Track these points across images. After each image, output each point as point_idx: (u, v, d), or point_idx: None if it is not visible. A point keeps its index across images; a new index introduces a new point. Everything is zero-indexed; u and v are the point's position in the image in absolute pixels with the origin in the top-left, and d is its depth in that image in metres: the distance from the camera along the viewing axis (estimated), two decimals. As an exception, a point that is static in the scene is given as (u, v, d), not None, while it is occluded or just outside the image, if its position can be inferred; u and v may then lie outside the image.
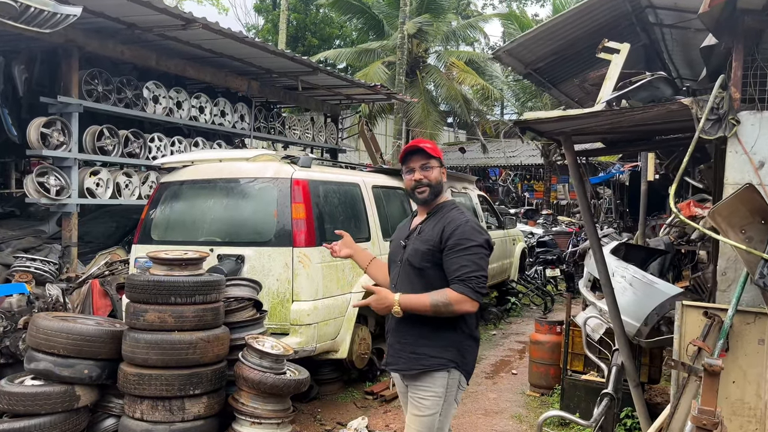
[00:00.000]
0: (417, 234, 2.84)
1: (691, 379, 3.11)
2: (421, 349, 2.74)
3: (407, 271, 2.81)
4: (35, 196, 6.79)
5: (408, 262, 2.80)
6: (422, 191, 2.82)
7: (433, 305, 2.63)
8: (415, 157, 2.84)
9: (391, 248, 3.04)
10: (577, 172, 4.20)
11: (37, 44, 7.24)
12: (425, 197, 2.83)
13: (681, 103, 3.21)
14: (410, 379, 2.80)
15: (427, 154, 2.82)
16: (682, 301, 3.28)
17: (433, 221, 2.82)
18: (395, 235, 3.09)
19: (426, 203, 2.86)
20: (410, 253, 2.80)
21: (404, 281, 2.81)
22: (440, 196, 2.88)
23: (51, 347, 3.94)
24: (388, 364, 2.93)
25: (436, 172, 2.83)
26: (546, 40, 6.57)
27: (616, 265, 4.60)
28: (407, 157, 2.86)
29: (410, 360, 2.76)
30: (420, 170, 2.81)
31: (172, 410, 3.90)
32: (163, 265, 4.09)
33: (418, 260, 2.76)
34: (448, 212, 2.83)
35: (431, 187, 2.82)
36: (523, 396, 5.88)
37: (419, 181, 2.82)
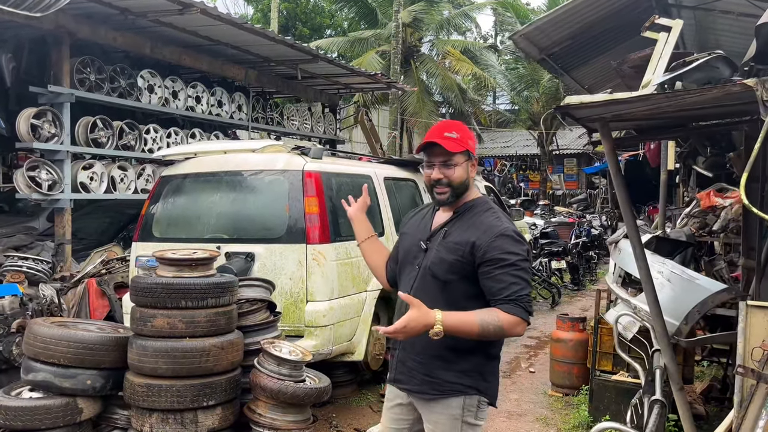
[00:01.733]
0: (443, 238, 2.38)
1: (759, 387, 2.84)
2: (436, 373, 2.35)
3: (427, 281, 2.36)
4: (26, 192, 6.43)
5: (430, 272, 2.36)
6: (442, 192, 2.37)
7: (482, 328, 2.17)
8: (436, 150, 2.36)
9: (404, 245, 2.53)
10: (615, 161, 3.92)
11: (25, 31, 6.86)
12: (444, 199, 2.39)
13: (744, 84, 2.92)
14: (421, 400, 2.43)
15: (448, 151, 2.33)
16: (747, 302, 3.01)
17: (463, 224, 2.38)
18: (410, 229, 2.57)
19: (446, 205, 2.42)
20: (434, 261, 2.35)
21: (422, 292, 2.31)
22: (466, 193, 2.43)
23: (50, 356, 3.61)
24: (396, 381, 2.47)
25: (459, 170, 2.36)
26: (564, 24, 6.31)
27: (652, 260, 4.32)
28: (426, 149, 2.40)
29: (424, 383, 2.38)
30: (440, 167, 2.35)
31: (184, 423, 3.59)
32: (171, 266, 3.76)
33: (444, 272, 2.33)
34: (481, 214, 2.39)
35: (452, 188, 2.36)
36: (545, 396, 5.63)
37: (438, 181, 2.36)
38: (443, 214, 2.48)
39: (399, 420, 2.55)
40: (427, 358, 2.35)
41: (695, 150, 8.40)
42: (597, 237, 13.84)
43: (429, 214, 2.54)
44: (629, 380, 4.81)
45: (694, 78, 3.18)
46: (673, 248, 6.00)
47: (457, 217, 2.41)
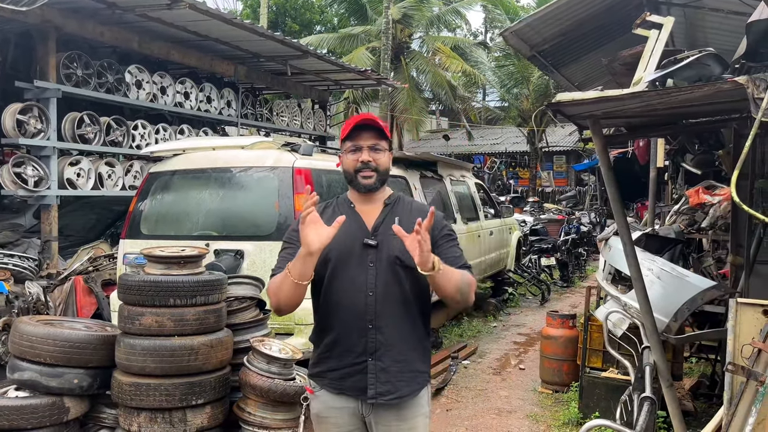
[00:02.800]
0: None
1: (749, 385, 2.85)
2: (416, 365, 2.32)
3: (395, 272, 2.26)
4: (12, 188, 6.35)
5: (398, 261, 2.25)
6: (368, 176, 2.28)
7: (462, 281, 2.18)
8: (365, 134, 2.28)
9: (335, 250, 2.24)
10: (606, 159, 3.91)
11: (10, 26, 6.77)
12: (370, 183, 2.29)
13: (735, 82, 2.92)
14: (393, 407, 2.28)
15: (381, 133, 2.30)
16: (737, 299, 3.01)
17: (404, 212, 2.34)
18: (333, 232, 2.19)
19: (369, 191, 2.31)
20: (398, 249, 2.23)
21: (391, 284, 2.26)
22: (385, 186, 2.38)
23: (36, 355, 3.56)
24: (381, 394, 2.25)
25: (386, 156, 2.31)
26: (554, 21, 6.30)
27: (642, 257, 4.33)
28: (355, 132, 2.29)
29: (410, 381, 2.29)
30: (369, 151, 2.27)
31: (173, 422, 3.55)
32: (160, 264, 3.72)
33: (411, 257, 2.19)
34: (413, 203, 2.45)
35: (378, 174, 2.28)
36: (535, 393, 5.63)
37: (366, 164, 2.27)
38: (370, 208, 2.35)
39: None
40: (409, 353, 2.30)
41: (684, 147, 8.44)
42: (586, 234, 13.89)
43: (347, 214, 2.29)
44: (619, 377, 4.82)
45: (685, 75, 3.18)
46: (662, 245, 6.03)
47: (392, 206, 2.37)
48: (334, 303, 2.30)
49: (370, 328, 2.24)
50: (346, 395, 2.30)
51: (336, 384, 2.31)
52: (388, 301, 2.26)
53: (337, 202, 2.43)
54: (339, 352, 2.29)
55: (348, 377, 2.28)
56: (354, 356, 2.26)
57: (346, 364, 2.28)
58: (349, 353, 2.27)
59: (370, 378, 2.25)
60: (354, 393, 2.29)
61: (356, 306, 2.25)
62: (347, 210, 2.35)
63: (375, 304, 2.24)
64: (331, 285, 2.30)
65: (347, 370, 2.28)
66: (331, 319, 2.31)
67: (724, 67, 3.25)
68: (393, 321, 2.26)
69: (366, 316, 2.24)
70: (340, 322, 2.29)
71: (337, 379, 2.30)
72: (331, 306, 2.31)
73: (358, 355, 2.26)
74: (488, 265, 8.83)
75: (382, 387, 2.25)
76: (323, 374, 2.34)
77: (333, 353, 2.31)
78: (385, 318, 2.25)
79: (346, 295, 2.27)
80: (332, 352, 2.31)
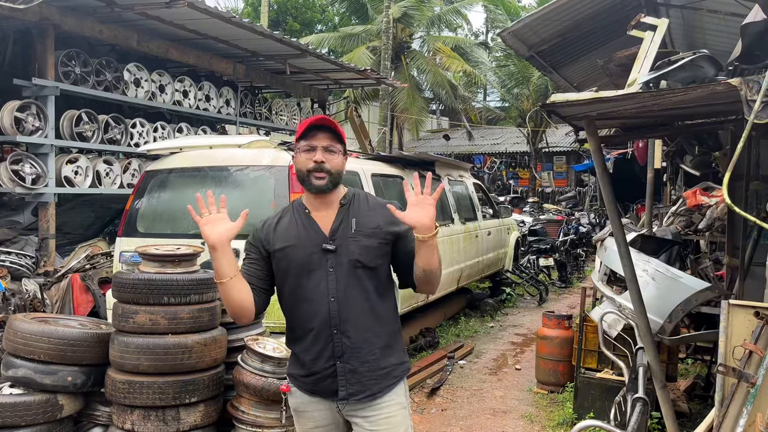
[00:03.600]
0: (355, 229, 2.30)
1: (740, 386, 2.86)
2: (388, 360, 2.33)
3: (357, 274, 2.27)
4: (9, 186, 6.36)
5: (359, 263, 2.26)
6: (321, 177, 2.26)
7: (438, 260, 2.24)
8: (320, 135, 2.27)
9: (294, 258, 2.30)
10: (601, 159, 3.92)
11: (9, 23, 6.78)
12: (322, 185, 2.27)
13: (728, 84, 2.93)
14: (367, 402, 2.30)
15: (336, 135, 2.29)
16: (729, 301, 3.02)
17: (361, 211, 2.34)
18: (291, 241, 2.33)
19: (320, 192, 2.29)
20: (359, 252, 2.26)
21: (352, 287, 2.27)
22: (339, 187, 2.36)
23: (31, 352, 3.57)
24: (352, 395, 2.28)
25: (339, 159, 2.30)
26: (553, 21, 6.30)
27: (637, 258, 4.34)
28: (310, 131, 2.28)
29: (381, 378, 2.31)
30: (322, 151, 2.26)
31: (166, 420, 3.56)
32: (154, 262, 3.73)
33: (373, 257, 2.28)
34: (371, 199, 2.41)
35: (331, 175, 2.27)
36: (530, 394, 5.63)
37: (320, 164, 2.25)
38: (325, 212, 2.34)
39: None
40: (379, 351, 2.31)
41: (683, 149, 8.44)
42: (585, 234, 13.88)
43: (302, 221, 2.34)
44: (614, 378, 4.83)
45: (679, 77, 3.18)
46: (658, 246, 6.03)
47: (348, 207, 2.35)
48: (298, 311, 2.33)
49: (336, 333, 2.26)
50: (319, 396, 2.35)
51: (309, 387, 2.35)
52: (350, 305, 2.27)
53: (292, 208, 2.42)
54: (309, 359, 2.32)
55: (320, 381, 2.32)
56: (323, 361, 2.29)
57: (317, 370, 2.31)
58: (318, 359, 2.30)
59: (341, 380, 2.29)
60: (326, 395, 2.33)
61: (320, 313, 2.27)
62: (303, 216, 2.35)
63: (338, 308, 2.26)
64: (295, 294, 2.32)
65: (318, 375, 2.31)
66: (298, 328, 2.34)
67: (718, 68, 3.25)
68: (357, 323, 2.28)
69: (330, 321, 2.26)
70: (306, 330, 2.31)
71: (310, 383, 2.34)
72: (297, 314, 2.34)
73: (327, 359, 2.28)
74: (486, 265, 8.83)
75: (352, 388, 2.29)
76: (296, 377, 2.40)
77: (304, 359, 2.34)
78: (350, 322, 2.27)
79: (309, 303, 2.29)
80: (302, 358, 2.34)
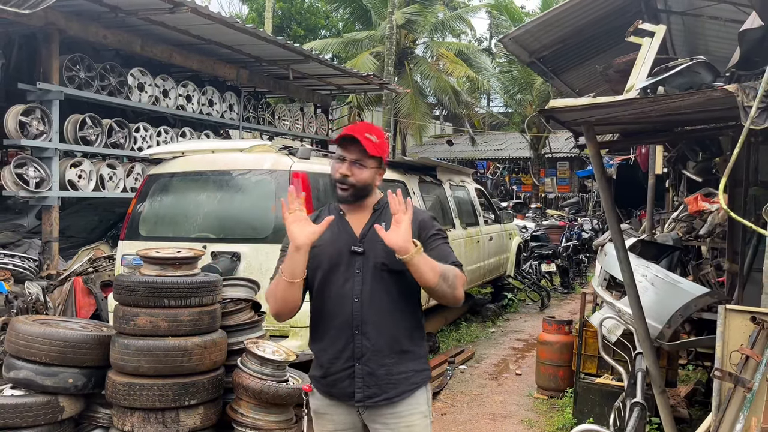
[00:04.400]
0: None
1: (737, 391, 2.86)
2: (407, 366, 2.33)
3: (383, 278, 2.29)
4: (13, 189, 6.40)
5: (386, 267, 2.28)
6: (344, 189, 2.31)
7: (442, 274, 2.18)
8: (351, 147, 2.30)
9: (323, 257, 2.32)
10: (600, 164, 3.93)
11: (15, 28, 6.84)
12: (344, 196, 2.33)
13: (725, 90, 2.95)
14: (387, 408, 2.30)
15: (365, 151, 2.28)
16: (726, 306, 3.03)
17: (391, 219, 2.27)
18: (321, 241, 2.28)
19: (343, 202, 2.36)
20: (383, 255, 2.27)
21: (377, 289, 2.29)
22: (370, 196, 2.39)
23: (32, 354, 3.59)
24: (368, 397, 2.28)
25: (368, 173, 2.31)
26: (553, 27, 6.32)
27: (636, 264, 4.35)
28: (343, 142, 2.32)
29: (399, 383, 2.31)
30: (351, 165, 2.29)
31: (166, 422, 3.58)
32: (155, 265, 3.75)
33: (398, 262, 2.23)
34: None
35: (354, 189, 2.31)
36: (530, 399, 5.64)
37: (345, 178, 2.29)
38: (358, 215, 2.39)
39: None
40: (396, 355, 2.31)
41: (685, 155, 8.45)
42: (588, 240, 13.88)
43: (336, 221, 2.35)
44: (613, 383, 4.83)
45: (677, 83, 3.21)
46: (659, 252, 6.03)
47: (380, 212, 2.39)
48: (323, 310, 2.36)
49: (357, 334, 2.29)
50: (336, 399, 2.35)
51: (326, 389, 2.37)
52: (373, 307, 2.28)
53: (329, 209, 2.47)
54: (328, 359, 2.34)
55: (337, 383, 2.32)
56: (342, 362, 2.30)
57: (335, 370, 2.32)
58: (337, 359, 2.31)
59: (357, 382, 2.29)
60: (343, 398, 2.33)
61: (343, 313, 2.29)
62: (337, 217, 2.38)
63: (361, 309, 2.28)
64: (322, 293, 2.36)
65: (336, 376, 2.32)
66: (321, 327, 2.37)
67: (716, 74, 3.27)
68: (379, 326, 2.29)
69: (353, 321, 2.28)
70: (328, 329, 2.34)
71: (327, 385, 2.35)
72: (321, 313, 2.37)
73: (346, 360, 2.29)
74: (487, 270, 8.84)
75: (369, 390, 2.29)
76: (316, 379, 2.41)
77: (323, 359, 2.36)
78: (371, 323, 2.29)
79: (334, 302, 2.32)
80: (323, 358, 2.37)
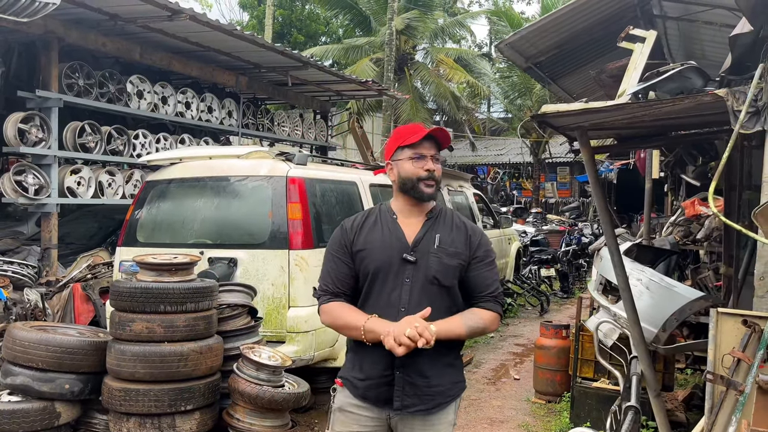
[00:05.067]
0: (437, 245, 2.30)
1: (729, 394, 2.87)
2: (446, 378, 2.31)
3: (431, 291, 2.27)
4: (12, 196, 6.43)
5: (435, 281, 2.27)
6: (431, 185, 2.31)
7: (468, 332, 2.24)
8: (427, 144, 2.32)
9: (371, 263, 2.29)
10: (593, 169, 3.95)
11: (14, 36, 6.89)
12: (432, 192, 2.32)
13: (715, 95, 2.97)
14: (419, 416, 2.28)
15: (438, 146, 2.35)
16: (718, 309, 3.04)
17: (445, 228, 2.35)
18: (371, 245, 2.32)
19: (430, 199, 2.34)
20: (437, 269, 2.26)
21: (424, 303, 2.23)
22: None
23: (29, 360, 3.63)
24: (406, 407, 2.26)
25: (440, 168, 2.37)
26: (549, 33, 6.35)
27: (632, 268, 4.36)
28: (424, 141, 2.31)
29: (437, 395, 2.28)
30: (432, 160, 2.31)
31: (162, 428, 3.60)
32: (151, 271, 3.79)
33: (450, 278, 2.28)
34: (453, 217, 2.42)
35: (438, 183, 2.35)
36: (528, 403, 5.64)
37: (431, 173, 2.30)
38: (411, 221, 2.36)
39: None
40: (437, 369, 2.28)
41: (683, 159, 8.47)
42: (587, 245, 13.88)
43: (388, 224, 2.35)
44: (609, 387, 4.84)
45: (668, 88, 3.23)
46: (656, 256, 6.04)
47: (434, 221, 2.36)
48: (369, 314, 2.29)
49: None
50: (370, 402, 2.30)
51: (361, 392, 2.31)
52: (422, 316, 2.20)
53: (380, 211, 2.42)
54: (369, 363, 2.28)
55: (374, 388, 2.28)
56: (382, 368, 2.25)
57: (374, 375, 2.27)
58: (377, 365, 2.26)
59: (396, 390, 2.25)
60: (378, 404, 2.29)
61: (389, 320, 2.21)
62: (389, 221, 2.36)
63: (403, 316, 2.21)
64: (368, 297, 2.32)
65: (374, 381, 2.27)
66: None
67: (706, 79, 3.29)
68: None
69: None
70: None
71: (364, 388, 2.30)
72: None
73: (386, 367, 2.23)
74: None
75: (408, 400, 2.26)
76: (351, 380, 2.34)
77: (363, 363, 2.31)
78: None
79: (380, 309, 2.26)
80: (363, 362, 2.31)
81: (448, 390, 2.33)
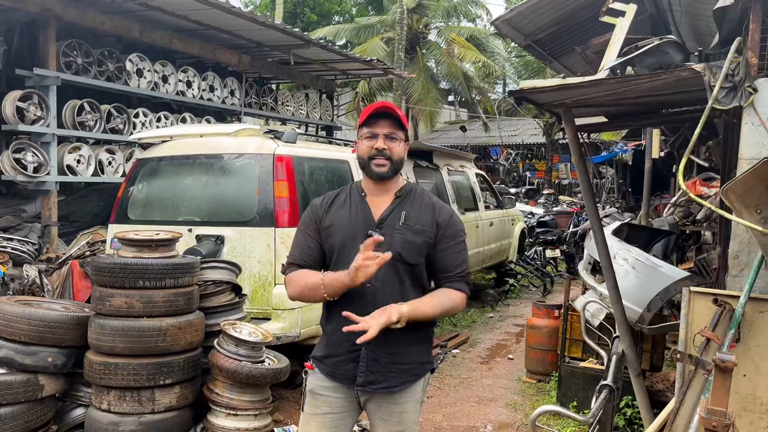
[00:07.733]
0: (403, 222, 2.30)
1: (698, 373, 2.84)
2: (413, 357, 2.34)
3: (395, 267, 2.26)
4: (11, 173, 6.50)
5: (398, 257, 2.24)
6: (382, 164, 2.29)
7: (440, 313, 2.27)
8: (382, 122, 2.30)
9: (338, 239, 2.32)
10: (577, 147, 3.89)
11: (14, 15, 6.91)
12: (383, 172, 2.30)
13: (692, 70, 2.90)
14: (385, 394, 2.32)
15: (398, 122, 2.31)
16: (690, 288, 2.99)
17: (413, 206, 2.35)
18: (339, 221, 2.35)
19: (381, 179, 2.33)
20: (402, 246, 2.26)
21: (391, 280, 2.26)
22: (398, 176, 2.40)
23: (12, 334, 3.68)
24: (369, 383, 2.29)
25: (401, 146, 2.33)
26: (547, 9, 6.23)
27: (618, 247, 4.32)
28: (373, 119, 2.30)
29: (402, 373, 2.31)
30: (384, 139, 2.29)
31: (141, 401, 3.65)
32: (132, 247, 3.82)
33: (414, 255, 2.29)
34: (424, 197, 2.41)
35: (392, 163, 2.31)
36: (518, 383, 5.64)
37: (381, 151, 2.28)
38: (380, 198, 2.37)
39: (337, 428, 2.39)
40: (404, 346, 2.30)
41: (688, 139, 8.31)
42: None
43: (356, 202, 2.38)
44: (596, 367, 4.82)
45: (646, 63, 3.16)
46: (651, 236, 5.97)
47: (402, 199, 2.36)
48: None
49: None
50: (338, 381, 2.35)
51: (330, 370, 2.35)
52: (385, 295, 2.25)
53: (350, 189, 2.44)
54: (336, 340, 2.31)
55: (341, 365, 2.32)
56: (349, 345, 2.25)
57: (342, 352, 2.31)
58: (345, 342, 2.27)
59: (361, 366, 2.28)
60: (346, 381, 2.33)
61: (354, 297, 2.25)
62: (358, 199, 2.38)
63: (374, 296, 2.25)
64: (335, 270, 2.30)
65: (342, 357, 2.31)
66: (333, 308, 2.34)
67: (686, 54, 3.22)
68: None
69: (363, 307, 2.22)
70: (339, 311, 2.26)
71: (331, 366, 2.34)
72: None
73: (353, 344, 2.19)
74: (487, 255, 8.81)
75: (371, 376, 2.29)
76: (320, 359, 2.39)
77: (331, 340, 2.34)
78: None
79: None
80: (330, 339, 2.35)
81: (414, 369, 2.35)
